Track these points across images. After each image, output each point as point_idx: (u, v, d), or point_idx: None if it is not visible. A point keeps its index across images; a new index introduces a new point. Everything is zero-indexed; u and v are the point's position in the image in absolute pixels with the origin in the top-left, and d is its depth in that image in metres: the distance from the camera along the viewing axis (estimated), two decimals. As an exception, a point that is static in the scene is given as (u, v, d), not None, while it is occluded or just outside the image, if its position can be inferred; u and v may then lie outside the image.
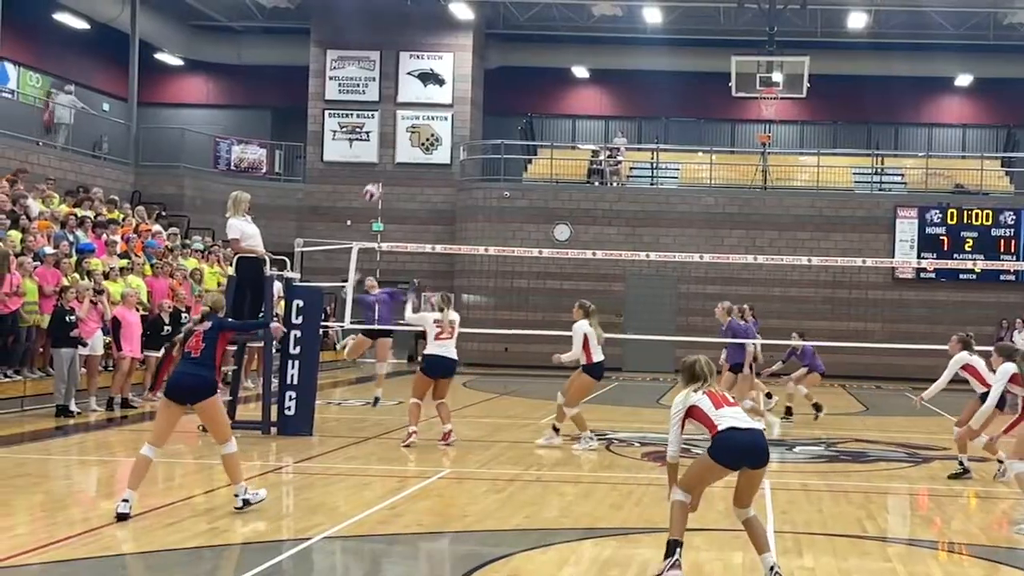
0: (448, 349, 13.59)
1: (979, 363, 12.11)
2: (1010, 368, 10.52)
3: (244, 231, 14.13)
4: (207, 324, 9.36)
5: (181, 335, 9.58)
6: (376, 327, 16.85)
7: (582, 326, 13.72)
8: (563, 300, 28.84)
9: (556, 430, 13.98)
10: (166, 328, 18.10)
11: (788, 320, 28.53)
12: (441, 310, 13.64)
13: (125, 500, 8.78)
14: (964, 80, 34.88)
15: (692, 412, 7.28)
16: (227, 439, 9.15)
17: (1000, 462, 11.85)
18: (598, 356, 13.73)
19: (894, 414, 20.23)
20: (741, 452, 7.11)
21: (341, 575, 8.22)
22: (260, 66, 34.63)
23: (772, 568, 7.16)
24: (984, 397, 11.66)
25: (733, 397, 7.60)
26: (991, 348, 11.98)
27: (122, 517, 8.69)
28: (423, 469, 11.92)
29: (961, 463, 12.09)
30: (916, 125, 36.26)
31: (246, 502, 9.07)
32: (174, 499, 9.82)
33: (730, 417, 7.15)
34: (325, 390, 20.33)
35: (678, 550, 7.20)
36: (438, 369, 13.59)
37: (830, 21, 32.00)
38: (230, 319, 10.49)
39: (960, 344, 11.91)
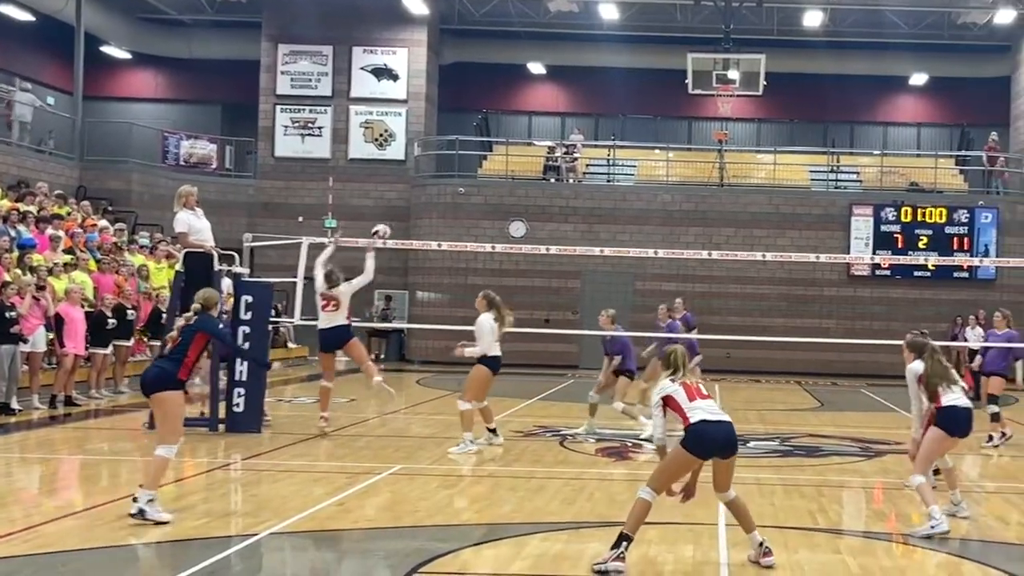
0: (333, 319, 13.55)
1: None
2: (917, 368, 9.74)
3: (192, 225, 14.00)
4: (188, 321, 9.05)
5: (173, 332, 9.33)
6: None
7: (487, 319, 13.20)
8: (519, 298, 28.61)
9: (492, 431, 13.55)
10: (110, 322, 17.78)
11: (746, 317, 28.56)
12: (332, 287, 13.54)
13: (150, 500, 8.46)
14: (919, 79, 35.11)
15: (667, 402, 7.65)
16: (171, 443, 8.62)
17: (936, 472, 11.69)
18: (495, 351, 13.25)
19: (849, 409, 20.34)
20: (712, 443, 7.49)
21: (288, 571, 8.04)
22: (210, 60, 34.07)
23: (761, 544, 7.64)
24: None
25: (705, 389, 7.75)
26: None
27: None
28: (373, 465, 11.74)
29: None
30: (872, 124, 36.46)
31: (142, 512, 8.35)
32: (118, 495, 9.56)
33: (702, 410, 7.51)
34: (275, 387, 19.98)
35: (625, 544, 7.40)
36: (324, 341, 13.76)
37: (786, 19, 32.03)
38: (222, 326, 9.99)
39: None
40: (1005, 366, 16.05)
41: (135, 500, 8.45)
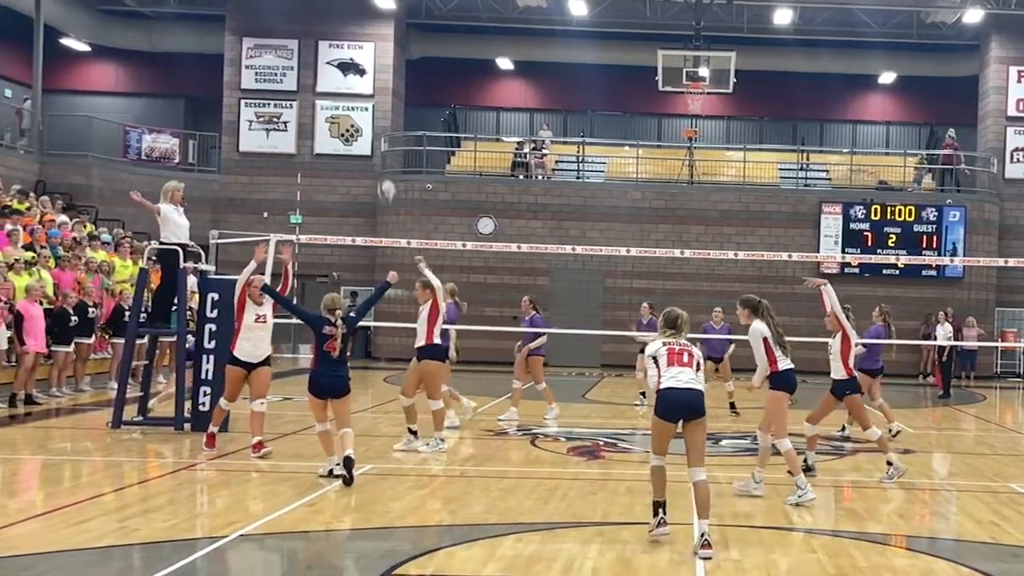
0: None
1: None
2: (763, 329, 9.92)
3: (173, 220, 13.96)
4: (342, 328, 10.42)
5: (336, 339, 10.41)
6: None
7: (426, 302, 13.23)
8: (487, 295, 28.39)
9: (412, 432, 12.89)
10: (72, 320, 17.38)
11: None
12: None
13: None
14: (888, 78, 35.13)
15: (655, 361, 8.25)
16: (349, 426, 10.48)
17: (889, 464, 11.56)
18: (423, 339, 13.11)
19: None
20: (676, 406, 8.04)
21: (258, 574, 7.84)
22: (173, 53, 33.53)
23: (703, 535, 7.84)
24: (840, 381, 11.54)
25: (688, 356, 8.20)
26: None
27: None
28: (344, 466, 11.38)
29: (806, 459, 11.46)
30: (841, 122, 36.46)
31: (350, 473, 10.10)
32: (81, 497, 9.32)
33: (672, 377, 8.09)
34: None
35: (661, 510, 8.12)
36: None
37: (756, 17, 31.92)
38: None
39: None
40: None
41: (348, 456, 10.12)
